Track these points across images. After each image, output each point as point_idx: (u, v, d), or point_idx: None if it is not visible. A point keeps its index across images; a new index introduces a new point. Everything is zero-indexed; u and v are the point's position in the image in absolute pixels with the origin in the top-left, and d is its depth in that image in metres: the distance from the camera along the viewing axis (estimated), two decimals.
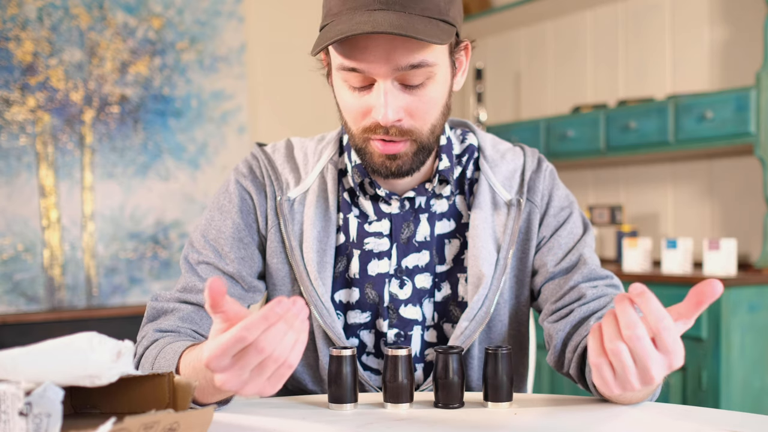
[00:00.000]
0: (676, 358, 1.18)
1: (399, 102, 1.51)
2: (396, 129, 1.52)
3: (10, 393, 1.09)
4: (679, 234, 4.47)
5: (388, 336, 1.67)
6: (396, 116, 1.50)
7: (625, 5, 4.76)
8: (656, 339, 1.17)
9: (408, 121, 1.53)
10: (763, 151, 3.60)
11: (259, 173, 1.73)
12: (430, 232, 1.69)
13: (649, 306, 1.16)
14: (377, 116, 1.50)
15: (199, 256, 1.67)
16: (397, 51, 1.46)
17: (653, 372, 1.17)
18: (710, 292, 1.16)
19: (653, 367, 1.17)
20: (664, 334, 1.16)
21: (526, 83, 5.44)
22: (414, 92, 1.51)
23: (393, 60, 1.46)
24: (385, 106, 1.49)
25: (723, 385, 3.44)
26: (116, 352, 1.14)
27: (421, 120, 1.54)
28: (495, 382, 1.43)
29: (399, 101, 1.50)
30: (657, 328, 1.16)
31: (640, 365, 1.17)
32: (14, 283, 4.54)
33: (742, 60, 4.12)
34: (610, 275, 1.68)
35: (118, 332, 1.34)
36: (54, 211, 4.63)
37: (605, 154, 4.27)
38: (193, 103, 4.98)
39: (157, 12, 4.87)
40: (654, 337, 1.17)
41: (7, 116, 4.52)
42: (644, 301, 1.16)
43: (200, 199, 4.97)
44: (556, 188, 1.75)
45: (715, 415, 1.37)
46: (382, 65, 1.47)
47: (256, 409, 1.44)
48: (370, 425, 1.32)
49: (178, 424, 1.16)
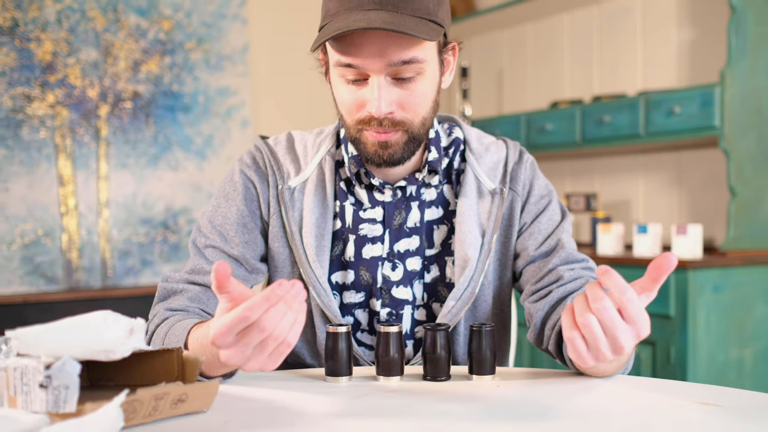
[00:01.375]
0: (643, 328, 1.21)
1: (391, 96, 1.52)
2: (389, 121, 1.53)
3: (32, 367, 1.09)
4: (649, 220, 4.48)
5: (381, 315, 1.67)
6: (388, 109, 1.52)
7: (599, 8, 4.75)
8: (622, 310, 1.20)
9: (400, 114, 1.54)
10: (727, 144, 3.60)
11: (262, 164, 1.73)
12: (420, 219, 1.69)
13: (612, 281, 1.20)
14: (371, 109, 1.52)
15: (206, 240, 1.67)
16: (390, 48, 1.47)
17: (622, 341, 1.19)
18: (666, 265, 1.20)
19: (622, 336, 1.19)
20: (628, 305, 1.19)
21: (508, 80, 5.43)
22: (405, 87, 1.53)
23: (386, 56, 1.47)
24: (379, 99, 1.50)
25: (690, 359, 3.45)
26: (129, 329, 1.14)
27: (412, 112, 1.55)
28: (479, 356, 1.43)
29: (391, 95, 1.52)
30: (621, 300, 1.19)
31: (609, 335, 1.20)
32: (35, 265, 4.54)
33: (707, 59, 4.12)
34: (585, 258, 1.69)
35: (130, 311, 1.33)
36: (72, 198, 4.62)
37: (581, 146, 4.27)
38: (200, 99, 4.97)
39: (167, 15, 4.86)
40: (620, 309, 1.20)
41: (29, 111, 4.51)
42: (608, 277, 1.20)
43: (207, 187, 4.97)
44: (537, 178, 1.75)
45: (683, 387, 1.37)
46: (376, 61, 1.48)
47: (258, 381, 1.44)
48: (365, 396, 1.32)
49: (186, 395, 1.16)
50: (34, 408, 1.09)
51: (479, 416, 1.19)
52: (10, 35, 4.47)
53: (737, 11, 3.63)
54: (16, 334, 1.10)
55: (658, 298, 3.54)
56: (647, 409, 1.25)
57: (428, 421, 1.17)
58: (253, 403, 1.28)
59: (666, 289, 3.51)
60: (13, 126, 4.47)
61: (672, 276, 3.48)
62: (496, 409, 1.23)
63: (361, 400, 1.30)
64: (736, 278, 3.56)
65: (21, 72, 4.50)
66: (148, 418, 1.14)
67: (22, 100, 4.49)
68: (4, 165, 4.46)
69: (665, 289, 3.51)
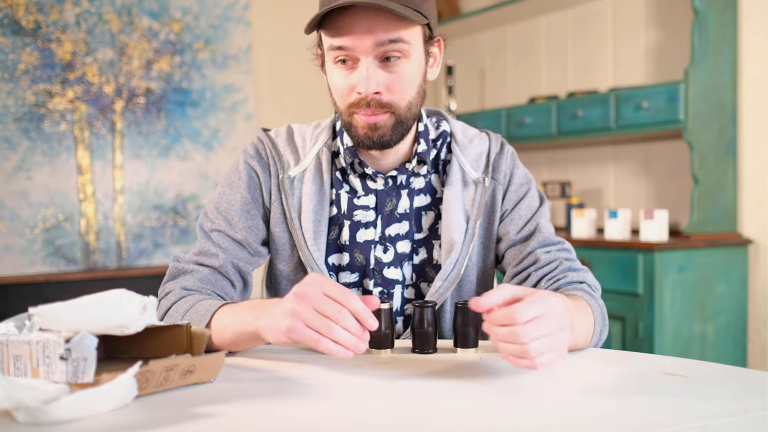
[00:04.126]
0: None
1: (379, 77, 1.51)
2: (376, 101, 1.53)
3: (53, 341, 1.09)
4: (620, 206, 4.48)
5: (374, 293, 1.67)
6: (376, 88, 1.51)
7: (573, 12, 4.74)
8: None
9: (386, 95, 1.53)
10: (691, 136, 3.60)
11: (264, 154, 1.72)
12: (409, 205, 1.69)
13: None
14: (360, 89, 1.52)
15: (213, 225, 1.67)
16: (378, 27, 1.48)
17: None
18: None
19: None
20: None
21: (490, 78, 5.42)
22: (392, 70, 1.52)
23: (374, 34, 1.48)
24: (367, 79, 1.51)
25: (656, 334, 3.45)
26: (142, 306, 1.14)
27: (399, 95, 1.54)
28: (463, 331, 1.43)
29: (379, 77, 1.52)
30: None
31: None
32: (56, 247, 4.53)
33: (672, 58, 4.12)
34: (561, 241, 1.69)
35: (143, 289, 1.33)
36: (89, 186, 4.61)
37: (557, 138, 4.27)
38: (207, 95, 4.95)
39: (177, 17, 4.84)
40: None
41: (50, 106, 4.49)
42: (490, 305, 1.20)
43: (213, 176, 4.96)
44: (516, 168, 1.75)
45: (650, 359, 1.38)
46: (364, 39, 1.48)
47: (260, 354, 1.44)
48: (359, 367, 1.32)
49: (194, 367, 1.16)
50: (55, 378, 1.08)
51: (463, 385, 1.19)
52: (33, 36, 4.46)
53: (700, 14, 3.63)
54: (38, 310, 1.10)
55: (627, 278, 3.55)
56: (618, 378, 1.25)
57: (416, 389, 1.17)
58: (256, 374, 1.28)
59: (634, 268, 3.51)
60: (35, 120, 4.46)
61: (640, 257, 3.49)
62: (478, 379, 1.23)
63: (356, 369, 1.30)
64: (699, 259, 3.57)
65: (43, 70, 4.48)
66: (159, 388, 1.14)
67: (44, 96, 4.48)
68: (28, 155, 4.45)
69: (634, 268, 3.52)
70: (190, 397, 1.13)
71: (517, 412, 1.06)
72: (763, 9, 3.67)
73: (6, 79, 4.39)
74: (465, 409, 1.06)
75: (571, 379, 1.24)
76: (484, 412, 1.06)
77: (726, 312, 3.66)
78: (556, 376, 1.25)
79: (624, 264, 3.57)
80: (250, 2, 5.08)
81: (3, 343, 1.12)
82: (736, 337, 3.70)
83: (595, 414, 1.05)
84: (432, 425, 1.00)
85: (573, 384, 1.21)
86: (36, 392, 1.04)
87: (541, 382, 1.21)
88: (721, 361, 3.58)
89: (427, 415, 1.05)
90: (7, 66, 4.40)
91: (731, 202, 3.75)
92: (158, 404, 1.09)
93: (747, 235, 3.74)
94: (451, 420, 1.02)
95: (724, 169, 3.72)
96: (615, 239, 3.72)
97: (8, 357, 1.12)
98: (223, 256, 1.63)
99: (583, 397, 1.12)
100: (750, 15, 3.71)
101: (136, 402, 1.09)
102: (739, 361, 3.70)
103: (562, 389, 1.17)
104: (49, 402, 0.98)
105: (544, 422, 1.01)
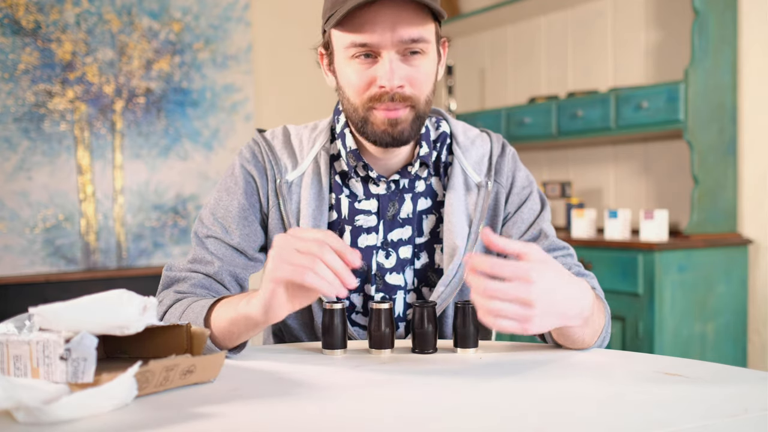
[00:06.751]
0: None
1: (402, 71, 1.51)
2: (399, 95, 1.52)
3: (53, 340, 1.09)
4: (619, 206, 4.48)
5: (375, 299, 1.66)
6: (400, 82, 1.51)
7: (573, 12, 4.75)
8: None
9: (408, 89, 1.53)
10: (691, 136, 3.60)
11: (261, 158, 1.70)
12: (412, 210, 1.68)
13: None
14: (384, 82, 1.51)
15: (208, 231, 1.65)
16: (401, 24, 1.48)
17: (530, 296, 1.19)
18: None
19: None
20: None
21: (490, 78, 5.42)
22: (413, 64, 1.52)
23: (397, 31, 1.48)
24: (391, 72, 1.50)
25: (656, 333, 3.46)
26: (143, 306, 1.14)
27: (419, 89, 1.54)
28: (463, 331, 1.43)
29: (402, 71, 1.51)
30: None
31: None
32: (56, 247, 4.53)
33: (672, 58, 4.12)
34: (566, 246, 1.69)
35: (144, 289, 1.33)
36: (89, 186, 4.61)
37: (557, 138, 4.27)
38: (207, 95, 4.95)
39: (177, 17, 4.84)
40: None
41: (50, 106, 4.49)
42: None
43: (213, 176, 4.96)
44: (518, 170, 1.75)
45: (650, 359, 1.38)
46: (387, 36, 1.48)
47: (260, 354, 1.44)
48: (360, 366, 1.32)
49: (194, 367, 1.16)
50: (55, 378, 1.08)
51: (463, 385, 1.19)
52: (33, 36, 4.45)
53: (700, 15, 3.63)
54: (39, 310, 1.10)
55: (627, 278, 3.55)
56: (618, 378, 1.25)
57: (416, 389, 1.17)
58: (257, 374, 1.28)
59: (634, 269, 3.51)
60: (35, 120, 4.46)
61: (640, 257, 3.49)
62: (478, 378, 1.23)
63: (357, 369, 1.30)
64: (699, 259, 3.57)
65: (43, 70, 4.48)
66: (159, 388, 1.14)
67: (44, 95, 4.48)
68: (28, 155, 4.44)
69: (634, 269, 3.52)
70: (190, 397, 1.13)
71: (517, 412, 1.06)
72: (763, 9, 3.67)
73: (6, 79, 4.39)
74: (465, 409, 1.06)
75: (571, 379, 1.24)
76: (484, 412, 1.06)
77: (726, 312, 3.66)
78: (556, 377, 1.25)
79: (624, 264, 3.57)
80: (250, 2, 5.08)
81: (3, 343, 1.12)
82: (736, 337, 3.70)
83: (595, 414, 1.05)
84: (432, 425, 1.00)
85: (573, 384, 1.21)
86: (36, 392, 1.04)
87: (541, 382, 1.21)
88: (721, 361, 3.58)
89: (427, 415, 1.05)
90: (7, 66, 4.39)
91: (731, 202, 3.75)
92: (158, 404, 1.09)
93: (747, 235, 3.75)
94: (451, 420, 1.02)
95: (724, 169, 3.73)
96: (615, 239, 3.72)
97: (8, 357, 1.12)
98: (219, 264, 1.61)
99: (583, 397, 1.12)
100: (750, 15, 3.72)
101: (136, 402, 1.09)
102: (739, 361, 3.70)
103: (562, 389, 1.17)
104: (49, 402, 0.98)
105: (544, 422, 1.01)
